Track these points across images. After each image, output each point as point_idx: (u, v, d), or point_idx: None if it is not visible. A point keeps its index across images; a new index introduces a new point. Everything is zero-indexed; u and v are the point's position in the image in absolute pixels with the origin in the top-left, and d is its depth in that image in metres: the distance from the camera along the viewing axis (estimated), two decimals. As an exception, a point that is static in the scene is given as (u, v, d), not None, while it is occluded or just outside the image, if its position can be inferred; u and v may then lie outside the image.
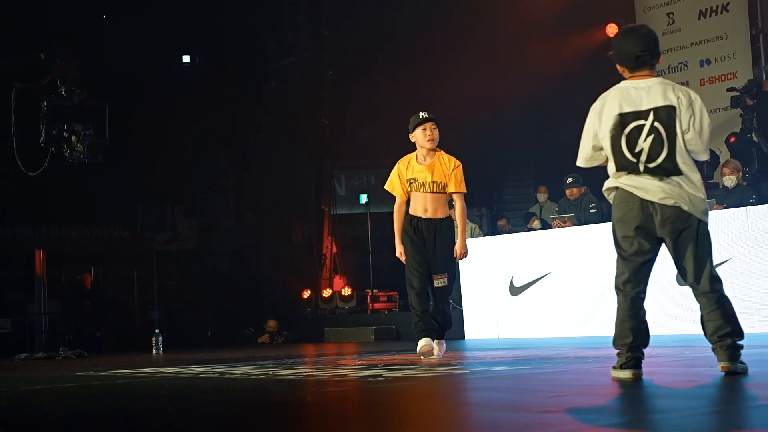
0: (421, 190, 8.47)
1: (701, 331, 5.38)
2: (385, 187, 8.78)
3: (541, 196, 15.80)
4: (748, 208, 10.60)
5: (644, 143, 5.31)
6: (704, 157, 5.46)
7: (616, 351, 5.45)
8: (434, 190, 8.44)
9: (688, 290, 5.37)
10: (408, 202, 8.68)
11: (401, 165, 8.63)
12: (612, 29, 17.73)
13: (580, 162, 5.69)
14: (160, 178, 19.96)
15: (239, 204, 21.89)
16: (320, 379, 6.79)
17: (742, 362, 5.20)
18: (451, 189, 8.44)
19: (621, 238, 5.46)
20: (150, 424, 4.59)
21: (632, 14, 17.76)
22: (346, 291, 18.53)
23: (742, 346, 5.24)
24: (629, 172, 5.36)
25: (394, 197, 8.83)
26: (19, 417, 5.25)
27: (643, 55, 5.45)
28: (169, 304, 19.01)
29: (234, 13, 20.24)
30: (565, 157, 17.48)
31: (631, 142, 5.34)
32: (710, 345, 5.30)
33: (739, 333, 5.25)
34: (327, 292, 18.77)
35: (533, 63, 18.88)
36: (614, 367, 5.44)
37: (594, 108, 5.55)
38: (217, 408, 5.16)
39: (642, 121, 5.32)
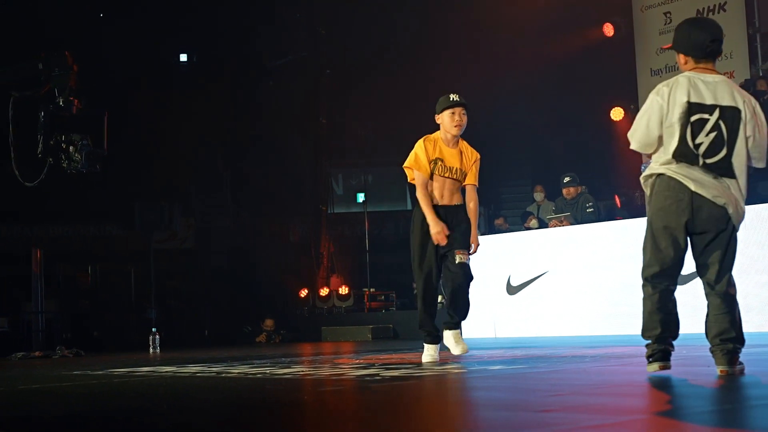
0: (446, 174, 7.75)
1: (696, 330, 5.37)
2: (405, 165, 7.82)
3: (538, 195, 15.80)
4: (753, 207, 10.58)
5: (706, 138, 5.18)
6: (762, 164, 5.37)
7: (645, 343, 5.39)
8: (456, 177, 7.80)
9: (686, 288, 5.35)
10: None
11: (427, 143, 7.80)
12: (608, 29, 17.73)
13: (638, 146, 5.41)
14: (158, 177, 19.96)
15: (237, 203, 21.89)
16: (317, 378, 6.79)
17: (740, 363, 5.20)
18: (470, 180, 7.88)
19: (661, 228, 5.27)
20: (147, 424, 4.58)
21: (629, 13, 17.76)
22: (344, 290, 18.54)
23: (740, 352, 5.23)
24: (686, 162, 5.19)
25: (392, 194, 8.53)
26: (17, 416, 5.24)
27: (713, 44, 5.34)
28: (166, 303, 19.00)
29: (231, 11, 20.23)
30: (561, 156, 17.52)
31: (694, 134, 5.19)
32: (709, 345, 5.27)
33: (741, 340, 5.23)
34: (324, 291, 18.78)
35: (530, 62, 18.87)
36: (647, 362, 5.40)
37: (661, 92, 5.30)
38: (214, 407, 5.15)
39: (706, 115, 5.20)
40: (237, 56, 21.05)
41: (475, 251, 8.02)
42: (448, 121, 7.79)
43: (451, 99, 7.83)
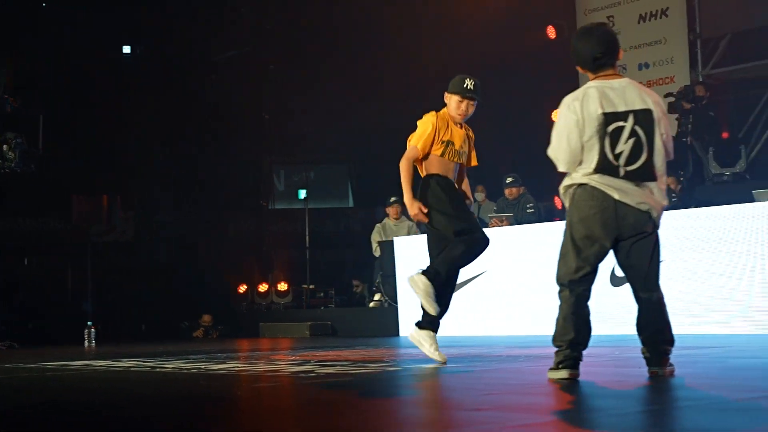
0: (455, 159, 7.25)
1: (629, 331, 5.40)
2: (410, 138, 7.23)
3: (479, 195, 15.87)
4: (686, 211, 10.72)
5: (624, 145, 5.18)
6: (671, 156, 5.36)
7: (555, 349, 5.32)
8: (462, 162, 7.38)
9: (619, 291, 5.38)
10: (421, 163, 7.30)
11: (439, 122, 7.23)
12: (552, 31, 17.85)
13: (566, 167, 5.33)
14: (97, 170, 19.74)
15: (177, 197, 21.73)
16: (252, 374, 6.77)
17: (671, 364, 5.25)
18: (473, 163, 7.51)
19: (582, 237, 5.25)
20: (77, 417, 4.54)
21: (573, 16, 17.90)
22: (282, 286, 18.48)
23: (670, 353, 5.28)
24: (607, 174, 5.19)
25: (334, 191, 8.26)
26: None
27: (601, 57, 5.34)
28: (103, 297, 18.81)
29: (176, 4, 20.08)
30: (502, 157, 17.59)
31: (613, 143, 5.18)
32: (641, 347, 5.31)
33: (672, 341, 5.28)
34: (263, 287, 18.71)
35: (473, 62, 18.93)
36: (551, 368, 5.33)
37: (572, 107, 5.26)
38: (146, 401, 5.11)
39: (621, 123, 5.19)
40: (181, 49, 20.89)
41: None
42: (454, 107, 7.29)
43: (465, 86, 7.31)
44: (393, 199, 15.15)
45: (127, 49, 21.36)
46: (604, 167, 5.18)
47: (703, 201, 12.84)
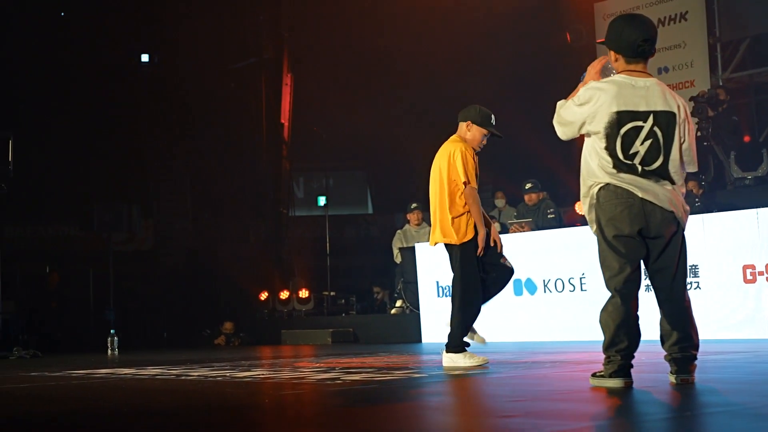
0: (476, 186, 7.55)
1: (650, 337, 5.33)
2: (465, 178, 7.42)
3: (499, 202, 15.85)
4: (704, 216, 10.70)
5: (641, 146, 5.08)
6: (694, 168, 5.31)
7: (606, 357, 5.16)
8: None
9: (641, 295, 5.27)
10: None
11: (472, 156, 7.56)
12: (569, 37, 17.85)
13: (565, 138, 5.39)
14: (117, 178, 19.83)
15: (196, 205, 21.79)
16: (278, 381, 6.77)
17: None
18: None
19: (613, 236, 5.11)
20: (107, 427, 4.55)
21: (592, 21, 17.87)
22: (304, 293, 18.47)
23: (696, 359, 5.18)
24: (626, 172, 5.08)
25: (353, 198, 8.36)
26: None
27: (644, 44, 5.19)
28: (124, 305, 18.85)
29: (194, 12, 20.15)
30: (523, 163, 17.58)
31: (626, 144, 5.09)
32: (665, 353, 5.19)
33: (697, 346, 5.17)
34: (284, 294, 18.69)
35: (492, 67, 18.95)
36: (599, 375, 5.19)
37: (593, 96, 5.19)
38: (174, 410, 5.13)
39: (640, 123, 5.09)
40: (200, 57, 20.96)
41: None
42: (479, 139, 7.63)
43: (492, 121, 7.67)
44: (414, 205, 15.13)
45: (145, 58, 21.45)
46: (618, 166, 5.10)
47: (724, 205, 12.80)
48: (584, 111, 5.23)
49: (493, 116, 7.63)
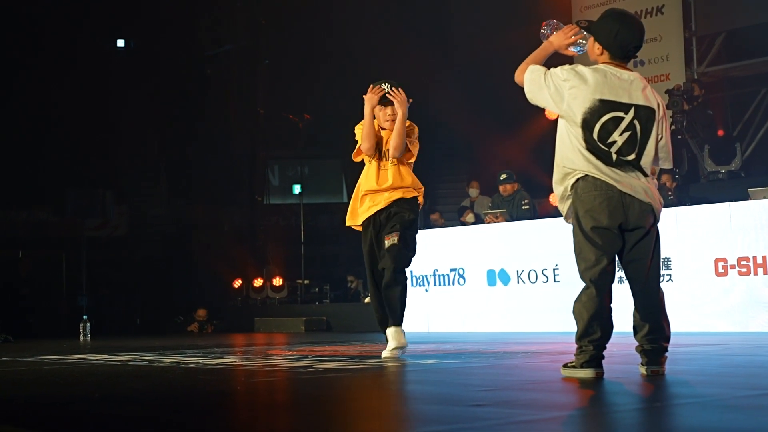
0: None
1: (623, 328, 5.36)
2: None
3: (473, 192, 15.88)
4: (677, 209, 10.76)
5: (619, 137, 5.09)
6: (669, 165, 5.36)
7: (578, 347, 5.18)
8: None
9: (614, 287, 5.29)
10: None
11: None
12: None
13: (529, 97, 5.39)
14: (92, 163, 19.73)
15: (171, 191, 21.71)
16: (250, 368, 6.78)
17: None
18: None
19: (591, 227, 5.11)
20: (78, 412, 4.54)
21: (569, 13, 17.89)
22: (278, 281, 18.48)
23: (667, 351, 5.23)
24: (600, 159, 5.09)
25: (328, 186, 8.35)
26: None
27: (635, 50, 5.30)
28: (97, 291, 18.79)
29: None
30: (498, 153, 17.60)
31: (604, 132, 5.10)
32: (637, 344, 5.24)
33: (669, 338, 5.22)
34: (258, 282, 18.69)
35: (468, 59, 18.96)
36: (570, 365, 5.21)
37: (562, 73, 5.25)
38: (146, 396, 5.12)
39: (621, 114, 5.11)
40: (176, 43, 20.87)
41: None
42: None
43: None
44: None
45: (121, 43, 21.34)
46: (594, 152, 5.11)
47: (698, 199, 12.88)
48: (558, 87, 5.24)
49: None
